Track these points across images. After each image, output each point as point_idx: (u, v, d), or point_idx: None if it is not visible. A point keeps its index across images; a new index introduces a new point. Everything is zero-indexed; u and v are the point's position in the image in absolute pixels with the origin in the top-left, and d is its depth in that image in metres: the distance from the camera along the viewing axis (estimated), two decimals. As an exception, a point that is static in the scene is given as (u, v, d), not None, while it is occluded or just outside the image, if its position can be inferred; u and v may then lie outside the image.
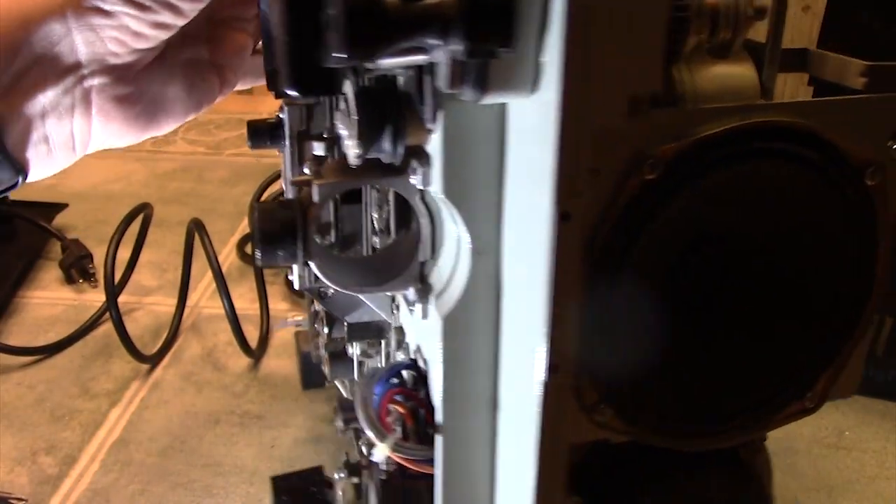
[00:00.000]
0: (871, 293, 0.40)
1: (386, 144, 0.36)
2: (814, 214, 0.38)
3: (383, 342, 0.56)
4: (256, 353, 0.97)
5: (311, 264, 0.41)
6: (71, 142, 0.43)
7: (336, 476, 0.55)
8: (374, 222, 0.51)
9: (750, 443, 0.46)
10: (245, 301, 1.05)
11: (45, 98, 0.41)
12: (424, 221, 0.40)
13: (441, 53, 0.31)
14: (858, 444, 0.84)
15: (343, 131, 0.37)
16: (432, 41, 0.30)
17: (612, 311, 0.37)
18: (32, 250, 1.17)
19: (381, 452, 0.48)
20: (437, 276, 0.40)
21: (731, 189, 0.37)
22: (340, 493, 0.54)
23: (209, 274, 1.00)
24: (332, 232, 0.52)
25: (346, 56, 0.29)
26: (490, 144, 0.36)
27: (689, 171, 0.36)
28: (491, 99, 0.33)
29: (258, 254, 0.39)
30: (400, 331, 0.50)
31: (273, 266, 0.39)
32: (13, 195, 1.35)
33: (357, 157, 0.36)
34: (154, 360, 0.96)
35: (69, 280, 1.12)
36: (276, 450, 0.56)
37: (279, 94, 0.35)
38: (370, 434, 0.47)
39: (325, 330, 0.57)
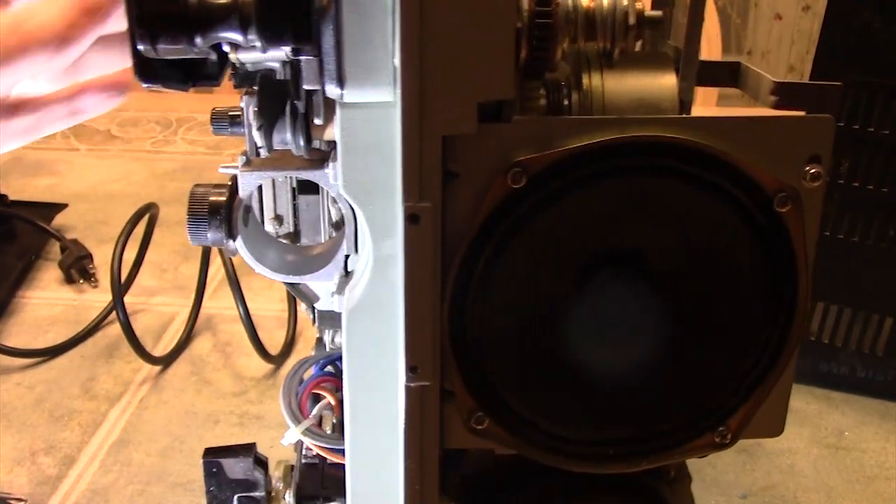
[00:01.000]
0: (791, 328, 0.37)
1: (288, 136, 0.39)
2: (711, 238, 0.36)
3: None
4: (278, 360, 0.95)
5: (237, 247, 0.43)
6: None
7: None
8: (332, 214, 0.51)
9: (664, 472, 0.43)
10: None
11: None
12: (348, 215, 0.40)
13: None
14: (858, 444, 0.84)
15: (253, 122, 0.39)
16: (234, 35, 0.32)
17: (481, 320, 0.36)
18: (32, 250, 1.16)
19: (292, 436, 0.48)
20: (358, 270, 0.41)
21: (612, 204, 0.35)
22: (272, 471, 0.55)
23: (209, 274, 1.00)
24: (289, 221, 0.53)
25: (146, 48, 0.33)
26: (386, 146, 0.35)
27: (558, 185, 0.34)
28: (351, 96, 0.34)
29: (188, 233, 0.42)
30: None
31: (204, 244, 0.43)
32: (12, 195, 1.34)
33: (262, 147, 0.39)
34: (165, 362, 0.96)
35: (69, 280, 1.12)
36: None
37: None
38: (285, 416, 0.47)
39: (310, 316, 0.57)
